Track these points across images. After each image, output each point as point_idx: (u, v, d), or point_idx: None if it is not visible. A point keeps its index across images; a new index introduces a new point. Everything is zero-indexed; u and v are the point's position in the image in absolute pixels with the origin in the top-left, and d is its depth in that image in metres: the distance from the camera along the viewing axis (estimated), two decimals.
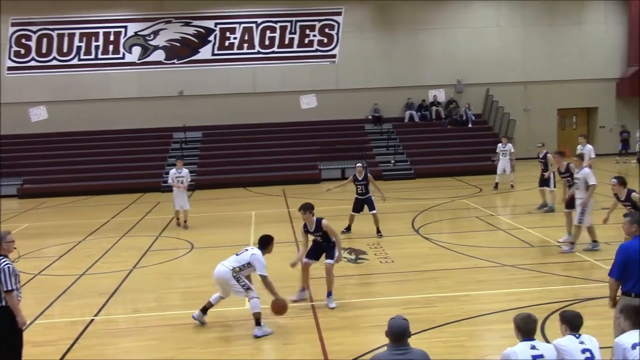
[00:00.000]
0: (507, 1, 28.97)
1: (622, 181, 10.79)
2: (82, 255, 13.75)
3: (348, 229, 14.68)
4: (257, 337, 8.46)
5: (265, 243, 8.95)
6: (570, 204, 13.16)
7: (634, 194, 10.59)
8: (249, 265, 8.70)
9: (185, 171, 16.53)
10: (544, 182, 16.57)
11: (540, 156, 16.85)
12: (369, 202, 14.52)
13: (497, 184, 20.96)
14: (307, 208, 9.64)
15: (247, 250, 8.94)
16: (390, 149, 26.57)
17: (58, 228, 17.32)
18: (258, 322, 8.55)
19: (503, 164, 20.73)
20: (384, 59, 28.64)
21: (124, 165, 25.67)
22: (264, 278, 8.66)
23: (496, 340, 8.06)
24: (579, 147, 16.86)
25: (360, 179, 14.57)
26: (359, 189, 14.61)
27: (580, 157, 13.06)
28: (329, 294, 9.62)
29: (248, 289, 8.67)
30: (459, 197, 19.78)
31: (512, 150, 20.87)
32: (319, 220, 9.59)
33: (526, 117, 29.06)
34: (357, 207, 14.66)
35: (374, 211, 14.44)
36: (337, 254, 9.66)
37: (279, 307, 8.78)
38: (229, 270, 8.68)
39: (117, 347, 8.42)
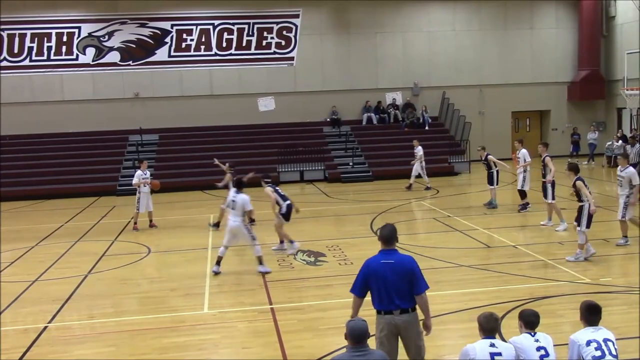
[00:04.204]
0: (463, 6, 29.45)
1: (570, 167, 11.84)
2: (35, 261, 13.40)
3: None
4: (260, 272, 11.24)
5: (242, 184, 11.75)
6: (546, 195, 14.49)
7: (578, 182, 11.48)
8: (244, 209, 11.31)
9: (148, 172, 16.73)
10: (489, 180, 17.53)
11: (483, 158, 17.80)
12: None
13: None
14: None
15: (234, 200, 11.38)
16: (349, 152, 26.68)
17: (9, 233, 16.84)
18: (261, 262, 11.38)
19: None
20: (341, 62, 28.78)
21: (78, 168, 25.14)
22: (251, 212, 11.58)
23: (453, 339, 8.16)
24: (517, 151, 17.11)
25: None
26: None
27: (624, 156, 13.97)
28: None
29: (254, 238, 11.49)
30: (417, 198, 19.99)
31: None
32: None
33: (481, 119, 29.55)
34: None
35: None
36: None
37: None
38: (241, 222, 11.38)
39: (71, 354, 8.22)
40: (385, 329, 6.11)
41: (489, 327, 5.39)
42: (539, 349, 5.33)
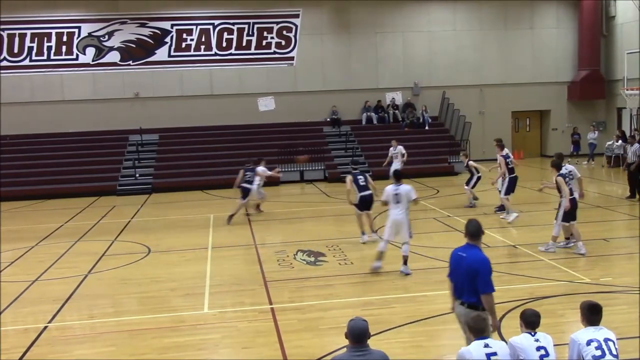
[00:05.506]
0: (463, 6, 29.44)
1: (552, 164, 12.26)
2: (35, 261, 13.40)
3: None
4: (403, 273, 10.97)
5: (401, 175, 11.85)
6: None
7: (558, 178, 11.81)
8: (409, 200, 11.18)
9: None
10: (468, 182, 18.01)
11: (465, 165, 18.31)
12: None
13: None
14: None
15: (397, 193, 11.23)
16: (349, 151, 26.68)
17: (9, 233, 16.84)
18: (405, 262, 11.08)
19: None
20: (341, 62, 28.77)
21: (78, 168, 25.13)
22: (417, 200, 11.49)
23: (454, 339, 8.13)
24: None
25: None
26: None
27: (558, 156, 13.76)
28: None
29: (411, 235, 11.28)
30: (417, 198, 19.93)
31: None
32: None
33: (481, 119, 29.54)
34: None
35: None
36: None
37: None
38: (407, 214, 11.21)
39: (71, 354, 8.22)
40: (456, 314, 6.59)
41: (479, 328, 5.43)
42: (539, 348, 5.33)
